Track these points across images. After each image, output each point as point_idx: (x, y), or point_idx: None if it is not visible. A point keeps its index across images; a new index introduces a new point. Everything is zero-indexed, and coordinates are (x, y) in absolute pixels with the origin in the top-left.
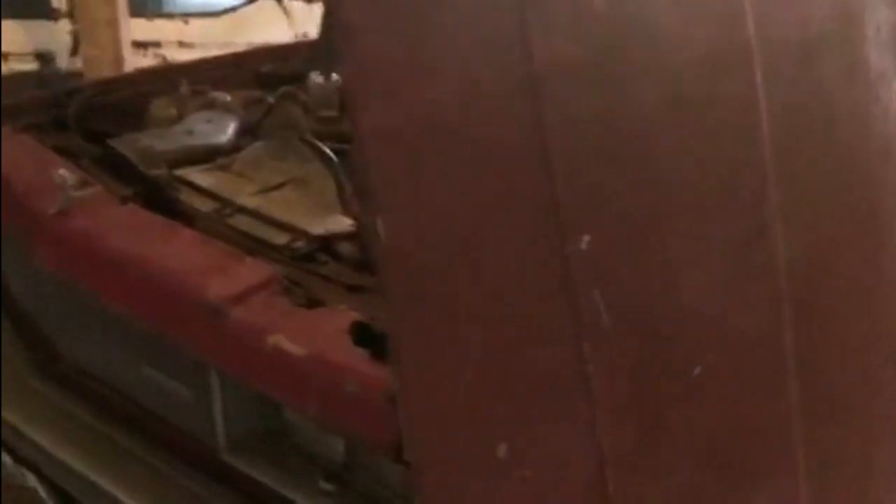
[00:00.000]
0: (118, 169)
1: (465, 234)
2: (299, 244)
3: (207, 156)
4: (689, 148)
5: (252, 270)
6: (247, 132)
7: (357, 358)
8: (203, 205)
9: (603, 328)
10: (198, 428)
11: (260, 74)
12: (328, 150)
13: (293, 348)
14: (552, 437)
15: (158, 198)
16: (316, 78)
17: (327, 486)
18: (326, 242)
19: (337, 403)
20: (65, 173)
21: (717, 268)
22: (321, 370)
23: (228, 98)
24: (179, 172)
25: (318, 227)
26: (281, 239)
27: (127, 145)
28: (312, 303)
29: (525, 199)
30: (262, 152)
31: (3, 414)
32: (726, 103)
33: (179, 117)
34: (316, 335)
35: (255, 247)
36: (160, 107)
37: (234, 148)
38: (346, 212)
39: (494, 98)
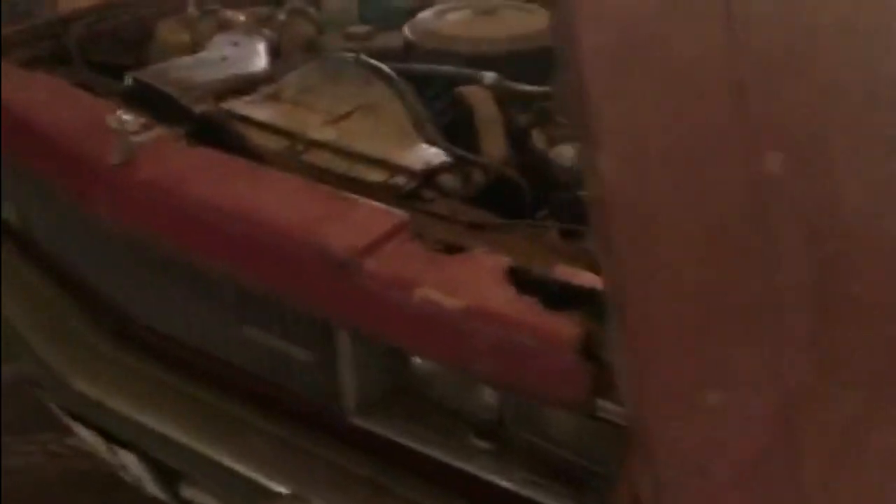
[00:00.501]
0: (154, 106)
1: (679, 163)
2: (398, 180)
3: (249, 85)
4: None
5: (374, 215)
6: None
7: (526, 308)
8: (269, 142)
9: (791, 253)
10: (319, 390)
11: None
12: (393, 73)
13: (447, 301)
14: (748, 370)
15: (213, 137)
16: None
17: (482, 444)
18: (426, 177)
19: (510, 360)
20: (123, 115)
21: (874, 181)
22: (485, 324)
23: (242, 17)
24: (227, 106)
25: (414, 160)
26: (375, 176)
27: (158, 78)
28: (449, 248)
29: (723, 121)
30: (313, 76)
31: (79, 388)
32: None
33: (195, 42)
34: (467, 284)
35: (349, 187)
36: (169, 31)
37: (270, 74)
38: (428, 140)
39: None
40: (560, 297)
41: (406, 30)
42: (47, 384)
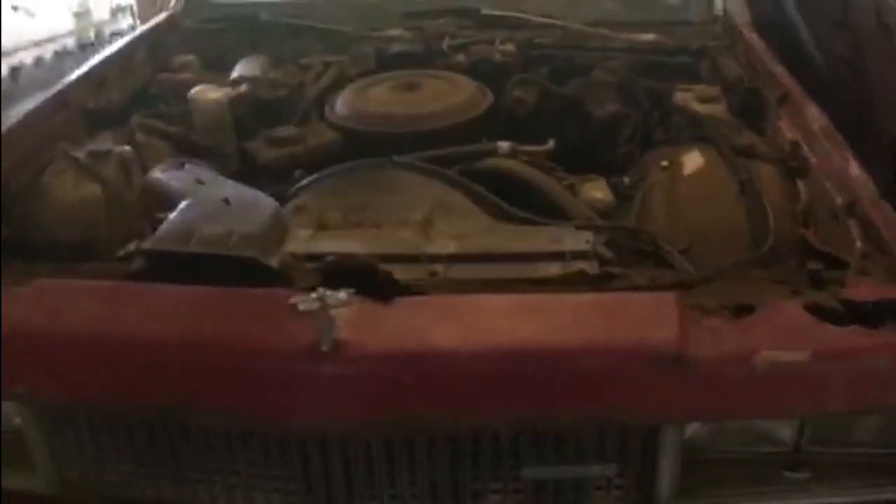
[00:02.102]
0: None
1: None
2: (582, 266)
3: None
4: None
5: (648, 304)
6: None
7: (862, 334)
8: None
9: None
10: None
11: None
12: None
13: (792, 355)
14: None
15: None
16: None
17: (799, 476)
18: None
19: (871, 385)
20: (325, 291)
21: None
22: (837, 362)
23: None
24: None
25: (571, 242)
26: (552, 270)
27: (186, 243)
28: (737, 309)
29: None
30: (347, 192)
31: None
32: None
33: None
34: (790, 333)
35: (530, 288)
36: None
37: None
38: (521, 220)
39: None
40: (874, 314)
41: (333, 116)
42: None
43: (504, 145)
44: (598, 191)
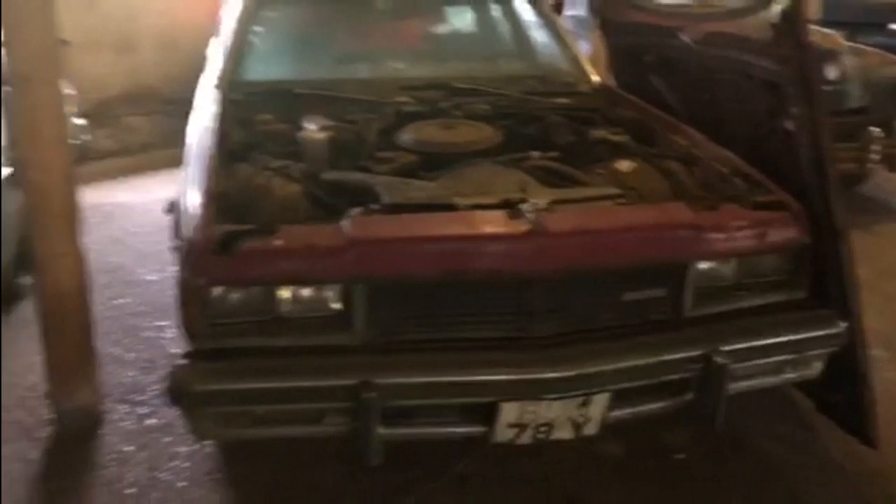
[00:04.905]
0: None
1: None
2: None
3: None
4: None
5: None
6: None
7: None
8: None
9: None
10: None
11: None
12: None
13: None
14: None
15: None
16: None
17: None
18: None
19: None
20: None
21: None
22: None
23: None
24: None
25: None
26: None
27: None
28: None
29: None
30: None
31: None
32: None
33: None
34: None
35: None
36: None
37: None
38: None
39: None
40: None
41: (406, 145)
42: None
43: (535, 153)
44: (623, 164)
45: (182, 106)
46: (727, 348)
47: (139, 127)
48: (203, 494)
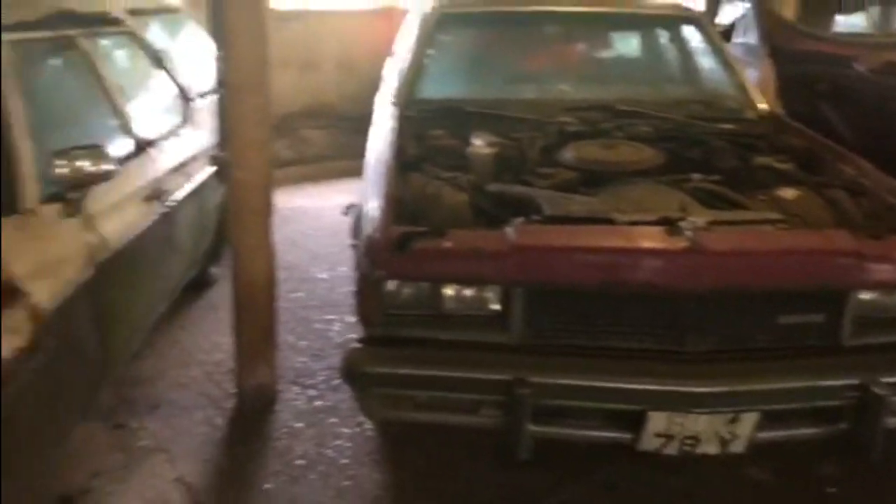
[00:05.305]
0: None
1: None
2: None
3: None
4: None
5: None
6: None
7: None
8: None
9: None
10: None
11: None
12: None
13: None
14: None
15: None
16: None
17: None
18: None
19: None
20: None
21: None
22: None
23: None
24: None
25: None
26: None
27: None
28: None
29: None
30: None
31: None
32: None
33: None
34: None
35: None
36: None
37: None
38: None
39: None
40: None
41: (567, 162)
42: None
43: (696, 176)
44: (787, 191)
45: (355, 122)
46: (887, 380)
47: (315, 139)
48: (363, 472)
